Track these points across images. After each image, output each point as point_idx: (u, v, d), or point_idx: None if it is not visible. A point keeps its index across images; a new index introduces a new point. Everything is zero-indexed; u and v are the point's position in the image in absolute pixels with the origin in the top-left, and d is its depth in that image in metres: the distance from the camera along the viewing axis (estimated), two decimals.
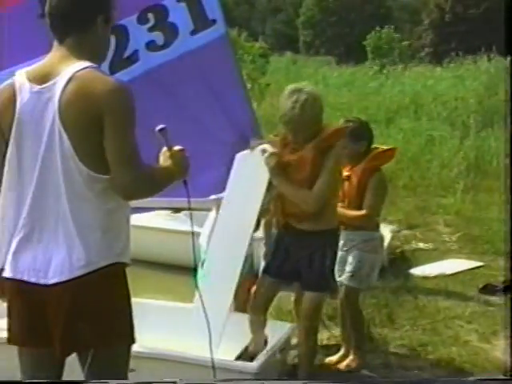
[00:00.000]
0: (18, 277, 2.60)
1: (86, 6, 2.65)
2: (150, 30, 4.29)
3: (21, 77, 2.64)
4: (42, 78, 2.59)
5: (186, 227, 6.63)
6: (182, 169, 2.78)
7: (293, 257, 4.05)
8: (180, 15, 4.35)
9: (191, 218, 3.08)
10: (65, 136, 2.51)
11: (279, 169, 3.96)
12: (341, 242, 4.40)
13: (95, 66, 2.60)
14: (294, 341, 4.40)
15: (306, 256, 3.99)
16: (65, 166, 2.53)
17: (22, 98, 2.59)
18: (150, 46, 4.30)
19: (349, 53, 33.19)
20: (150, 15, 4.28)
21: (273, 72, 23.06)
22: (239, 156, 4.23)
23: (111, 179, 2.53)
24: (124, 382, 2.65)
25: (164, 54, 4.36)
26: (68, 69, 2.55)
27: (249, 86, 12.43)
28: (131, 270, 2.72)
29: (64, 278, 2.52)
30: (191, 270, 3.48)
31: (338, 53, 34.94)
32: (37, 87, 2.58)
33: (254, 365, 3.80)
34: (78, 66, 2.56)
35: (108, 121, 2.49)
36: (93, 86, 2.51)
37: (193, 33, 4.38)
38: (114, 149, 2.50)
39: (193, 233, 3.28)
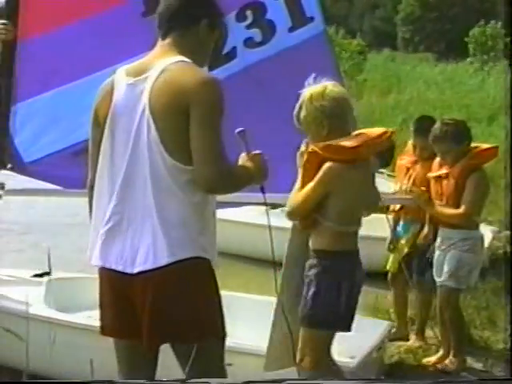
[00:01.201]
0: (107, 265, 2.68)
1: (192, 8, 2.74)
2: (248, 27, 4.31)
3: (120, 72, 2.74)
4: (138, 72, 2.67)
5: (281, 223, 6.77)
6: (260, 173, 2.79)
7: None
8: (278, 12, 4.35)
9: (269, 220, 3.04)
10: (153, 127, 2.57)
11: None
12: (438, 241, 4.31)
13: (188, 60, 2.64)
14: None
15: None
16: (151, 157, 2.58)
17: (118, 91, 2.69)
18: (248, 42, 4.32)
19: (449, 49, 32.40)
20: (249, 12, 4.30)
21: (370, 69, 22.81)
22: None
23: (194, 171, 2.55)
24: (224, 381, 2.63)
25: (262, 51, 4.37)
26: (162, 62, 2.62)
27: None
28: (232, 265, 2.73)
29: (147, 267, 2.56)
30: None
31: (438, 49, 34.19)
32: (131, 80, 2.66)
33: (351, 363, 3.76)
34: (171, 59, 2.63)
35: (194, 113, 2.52)
36: (182, 77, 2.56)
37: (290, 30, 4.38)
38: (199, 141, 2.52)
39: (270, 228, 3.25)
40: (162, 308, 2.59)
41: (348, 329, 3.32)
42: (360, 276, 3.33)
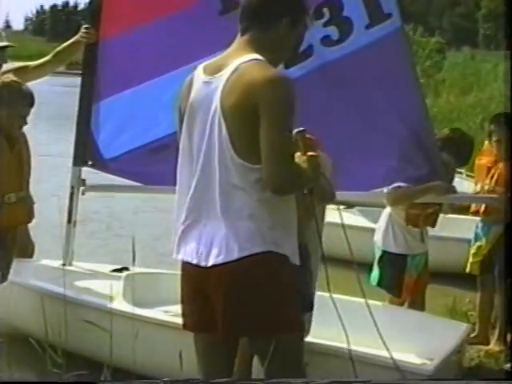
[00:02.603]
0: (185, 259, 2.73)
1: (273, 6, 2.71)
2: (325, 24, 4.28)
3: (199, 69, 2.77)
4: (214, 70, 2.68)
5: (359, 222, 6.73)
6: (315, 175, 2.76)
7: None
8: (355, 9, 4.30)
9: (317, 223, 2.97)
10: (223, 125, 2.58)
11: None
12: None
13: (262, 58, 2.63)
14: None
15: None
16: (220, 155, 2.60)
17: (195, 88, 2.71)
18: (325, 40, 4.29)
19: None
20: (325, 10, 4.26)
21: (449, 68, 22.40)
22: None
23: (261, 170, 2.55)
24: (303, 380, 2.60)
25: (338, 49, 4.33)
26: (236, 61, 2.62)
27: (422, 80, 12.11)
28: None
29: (220, 261, 2.59)
30: (362, 266, 3.43)
31: None
32: (207, 78, 2.68)
33: (429, 367, 3.69)
34: (245, 58, 2.62)
35: (263, 112, 2.51)
36: (252, 76, 2.55)
37: (368, 27, 4.32)
38: (267, 141, 2.51)
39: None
40: (234, 301, 2.61)
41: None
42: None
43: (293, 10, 2.74)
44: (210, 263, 2.62)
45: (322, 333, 3.63)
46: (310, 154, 2.73)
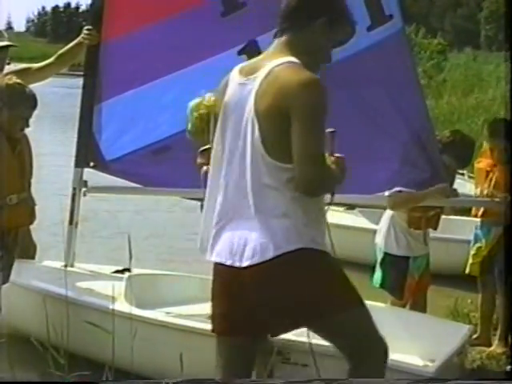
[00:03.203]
0: (218, 260, 2.73)
1: (308, 7, 2.72)
2: None
3: (235, 70, 2.78)
4: (250, 71, 2.70)
5: (361, 223, 6.73)
6: (342, 176, 2.80)
7: None
8: (357, 11, 4.26)
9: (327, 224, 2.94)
10: (256, 126, 2.61)
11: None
12: None
13: (296, 61, 2.64)
14: None
15: None
16: (253, 155, 2.62)
17: (230, 89, 2.74)
18: None
19: None
20: None
21: (450, 69, 22.39)
22: None
23: (293, 170, 2.57)
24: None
25: (340, 51, 4.32)
26: (271, 63, 2.64)
27: (423, 82, 12.14)
28: None
29: (255, 261, 2.61)
30: (364, 267, 3.44)
31: None
32: (242, 80, 2.70)
33: (431, 368, 3.68)
34: (280, 60, 2.64)
35: (296, 115, 2.53)
36: (286, 78, 2.57)
37: (369, 29, 4.31)
38: (300, 143, 2.53)
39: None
40: (279, 298, 2.63)
41: None
42: None
43: (329, 10, 2.73)
44: (245, 264, 2.63)
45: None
46: (337, 155, 2.78)
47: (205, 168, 3.56)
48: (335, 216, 6.83)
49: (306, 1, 2.72)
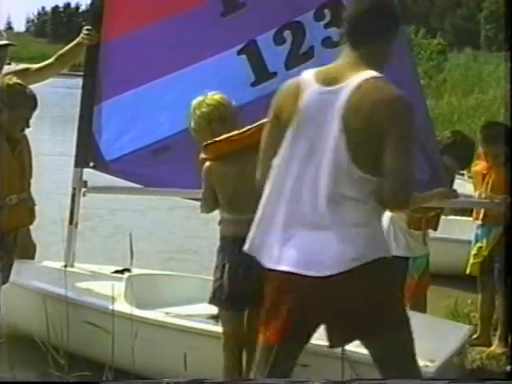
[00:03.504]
0: (287, 268, 2.65)
1: (383, 19, 2.74)
2: (326, 26, 4.28)
3: (308, 76, 2.74)
4: (330, 81, 2.67)
5: None
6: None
7: None
8: None
9: None
10: (343, 138, 2.59)
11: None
12: None
13: (381, 76, 2.67)
14: None
15: None
16: (334, 165, 2.60)
17: (307, 96, 2.68)
18: (326, 42, 4.29)
19: None
20: (327, 11, 4.27)
21: (450, 69, 22.39)
22: None
23: (380, 183, 2.60)
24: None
25: (339, 51, 4.32)
26: (357, 76, 2.63)
27: (423, 82, 12.13)
28: None
29: (337, 271, 2.59)
30: None
31: None
32: (324, 89, 2.67)
33: (431, 368, 3.68)
34: (366, 74, 2.64)
35: (391, 131, 2.56)
36: (379, 95, 2.59)
37: None
38: (395, 160, 2.57)
39: None
40: (354, 306, 2.64)
41: (233, 309, 3.56)
42: (247, 261, 3.31)
43: (395, 23, 2.81)
44: (325, 273, 2.59)
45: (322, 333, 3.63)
46: None
47: (207, 164, 3.59)
48: None
49: (381, 15, 2.73)
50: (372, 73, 2.64)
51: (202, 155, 3.63)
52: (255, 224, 2.79)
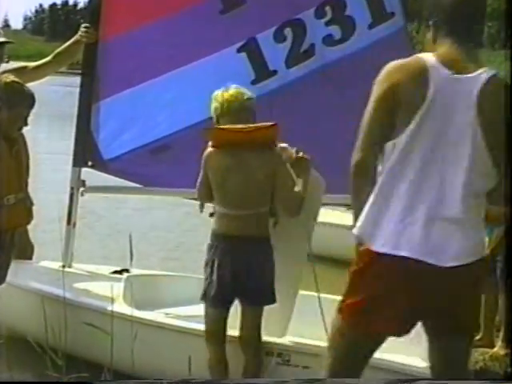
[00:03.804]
0: (408, 254, 2.59)
1: (483, 15, 2.82)
2: (327, 23, 4.26)
3: (432, 60, 2.63)
4: (460, 68, 2.61)
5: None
6: None
7: None
8: (358, 8, 4.28)
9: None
10: (479, 131, 2.57)
11: None
12: None
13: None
14: None
15: None
16: (474, 158, 2.58)
17: (438, 82, 2.59)
18: (327, 40, 4.26)
19: None
20: (328, 9, 4.24)
21: None
22: None
23: (494, 180, 2.64)
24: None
25: (340, 49, 4.31)
26: (482, 70, 2.61)
27: None
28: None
29: (460, 263, 2.61)
30: None
31: None
32: (456, 76, 2.60)
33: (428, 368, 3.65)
34: (491, 71, 2.64)
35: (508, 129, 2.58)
36: (506, 91, 2.61)
37: (370, 26, 4.30)
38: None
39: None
40: (465, 301, 2.68)
41: (220, 306, 3.54)
42: (237, 260, 3.48)
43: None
44: (450, 264, 2.60)
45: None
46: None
47: (207, 150, 3.56)
48: (335, 216, 6.82)
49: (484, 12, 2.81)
50: (492, 70, 2.65)
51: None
52: (368, 207, 2.64)
